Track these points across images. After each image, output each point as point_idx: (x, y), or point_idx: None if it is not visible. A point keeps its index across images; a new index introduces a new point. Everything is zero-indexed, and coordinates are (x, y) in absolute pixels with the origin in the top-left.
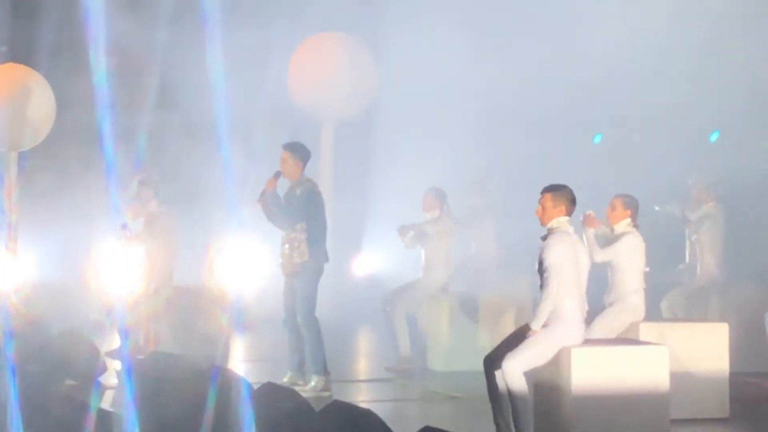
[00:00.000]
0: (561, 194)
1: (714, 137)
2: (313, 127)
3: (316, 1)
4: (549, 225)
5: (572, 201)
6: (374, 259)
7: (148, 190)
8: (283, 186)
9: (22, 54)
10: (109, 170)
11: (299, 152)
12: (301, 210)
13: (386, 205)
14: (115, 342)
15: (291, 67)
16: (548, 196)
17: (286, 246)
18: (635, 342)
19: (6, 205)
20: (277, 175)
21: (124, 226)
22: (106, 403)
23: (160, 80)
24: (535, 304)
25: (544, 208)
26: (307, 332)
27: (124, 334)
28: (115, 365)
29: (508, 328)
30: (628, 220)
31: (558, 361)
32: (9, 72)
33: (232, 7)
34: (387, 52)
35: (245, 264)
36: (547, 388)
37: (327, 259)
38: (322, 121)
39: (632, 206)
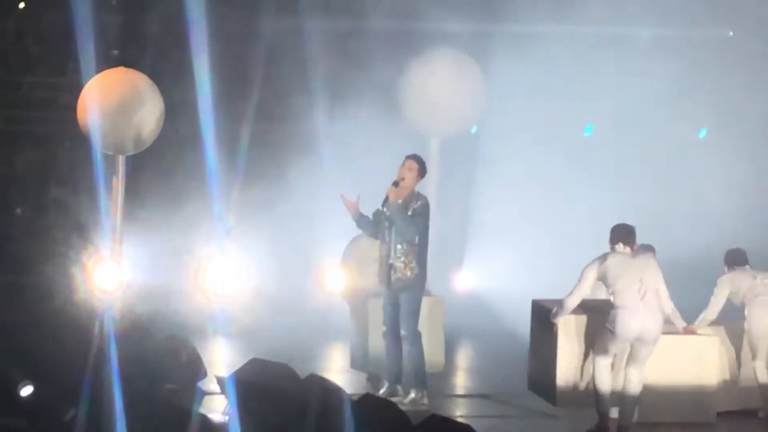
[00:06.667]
0: None
1: None
2: (420, 142)
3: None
4: None
5: None
6: (475, 275)
7: None
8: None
9: (132, 58)
10: (211, 176)
11: (423, 166)
12: (420, 224)
13: (488, 222)
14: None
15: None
16: None
17: (401, 259)
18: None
19: (111, 209)
20: (396, 184)
21: (228, 231)
22: (205, 409)
23: (264, 89)
24: None
25: None
26: (411, 346)
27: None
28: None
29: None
30: None
31: None
32: (120, 76)
33: (337, 17)
34: (496, 68)
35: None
36: None
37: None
38: (429, 136)
39: None
